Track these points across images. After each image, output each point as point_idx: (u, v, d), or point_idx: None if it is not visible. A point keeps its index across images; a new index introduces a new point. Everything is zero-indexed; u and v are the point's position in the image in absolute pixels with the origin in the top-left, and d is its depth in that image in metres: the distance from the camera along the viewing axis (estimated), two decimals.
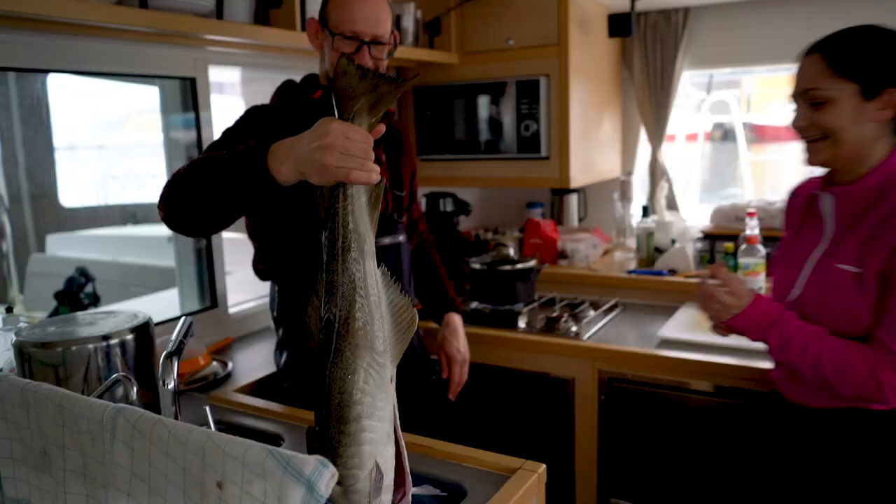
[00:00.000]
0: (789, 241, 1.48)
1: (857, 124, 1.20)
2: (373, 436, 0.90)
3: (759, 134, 3.34)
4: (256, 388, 1.79)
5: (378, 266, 0.98)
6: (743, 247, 2.20)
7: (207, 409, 1.23)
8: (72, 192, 2.98)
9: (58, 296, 2.31)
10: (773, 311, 1.32)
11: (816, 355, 1.24)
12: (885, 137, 1.23)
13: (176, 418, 1.11)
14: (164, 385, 1.10)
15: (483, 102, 2.60)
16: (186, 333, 1.26)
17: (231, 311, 2.22)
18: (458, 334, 1.79)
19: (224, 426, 1.53)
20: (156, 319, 1.91)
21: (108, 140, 3.21)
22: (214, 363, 1.87)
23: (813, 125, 1.22)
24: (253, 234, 1.59)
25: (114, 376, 1.22)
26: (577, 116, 2.55)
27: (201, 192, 1.18)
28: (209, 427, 1.22)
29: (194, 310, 2.13)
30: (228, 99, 2.89)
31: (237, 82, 2.85)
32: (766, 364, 1.74)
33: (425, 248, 1.91)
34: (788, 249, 1.45)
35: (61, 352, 1.29)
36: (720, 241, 2.66)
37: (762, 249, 2.17)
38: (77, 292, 2.35)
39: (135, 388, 1.26)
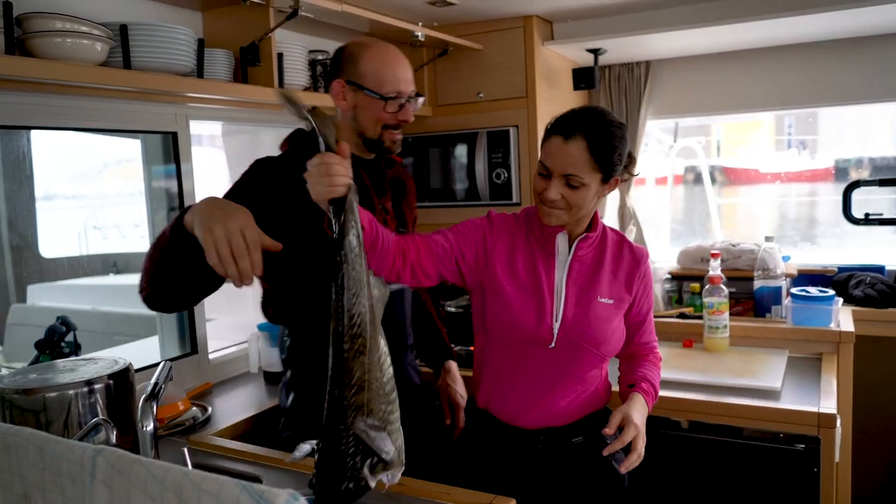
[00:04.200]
0: (510, 260, 1.51)
1: (593, 201, 1.45)
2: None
3: (729, 176, 3.47)
4: (235, 432, 1.82)
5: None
6: (707, 287, 2.29)
7: (185, 450, 1.26)
8: (52, 242, 3.00)
9: (38, 345, 2.31)
10: (646, 393, 1.55)
11: (655, 380, 1.60)
12: None
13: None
14: (142, 428, 1.14)
15: (456, 152, 2.71)
16: (166, 377, 1.30)
17: (211, 356, 2.26)
18: (459, 380, 1.85)
19: (202, 469, 1.55)
20: (136, 366, 1.95)
21: (88, 190, 3.26)
22: (194, 408, 1.90)
23: (563, 199, 1.42)
24: (265, 277, 1.60)
25: (93, 420, 1.26)
26: None
27: (166, 278, 1.27)
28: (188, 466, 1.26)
29: (175, 356, 2.17)
30: (208, 151, 2.96)
31: (217, 135, 2.93)
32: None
33: (418, 294, 1.91)
34: (517, 272, 1.50)
35: (41, 398, 1.32)
36: (687, 281, 2.76)
37: (725, 289, 2.26)
38: (58, 341, 2.35)
39: (114, 432, 1.29)
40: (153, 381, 1.23)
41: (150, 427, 1.15)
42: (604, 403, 1.60)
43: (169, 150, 2.14)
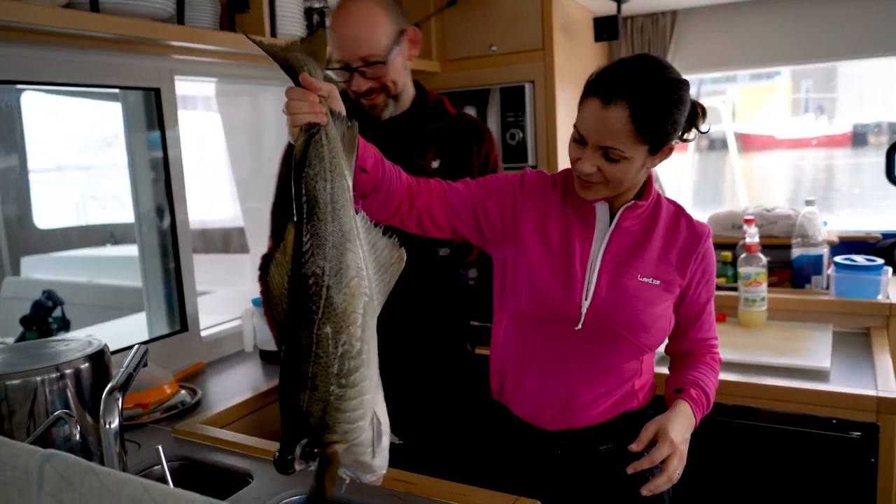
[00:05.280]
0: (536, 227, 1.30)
1: (638, 173, 1.21)
2: (369, 384, 0.89)
3: (744, 142, 3.28)
4: (226, 419, 1.67)
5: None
6: (743, 255, 2.11)
7: (160, 448, 1.10)
8: (49, 213, 2.88)
9: (24, 321, 2.18)
10: (694, 402, 1.28)
11: (709, 387, 1.32)
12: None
13: (121, 462, 0.99)
14: (104, 425, 0.98)
15: (467, 111, 2.50)
16: (139, 364, 1.14)
17: (204, 333, 2.10)
18: None
19: (188, 462, 1.40)
20: (123, 344, 1.79)
21: (97, 160, 3.13)
22: (182, 391, 1.74)
23: (600, 172, 1.18)
24: None
25: (55, 414, 1.11)
26: (564, 123, 2.45)
27: None
28: (163, 468, 1.10)
29: (163, 333, 2.01)
30: (203, 115, 2.77)
31: (212, 96, 2.73)
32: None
33: None
34: (549, 239, 1.29)
35: (2, 386, 1.17)
36: (717, 249, 2.56)
37: (763, 258, 2.08)
38: (44, 317, 2.22)
39: (78, 427, 1.14)
40: (122, 368, 1.06)
41: (115, 424, 0.98)
42: (641, 405, 1.35)
43: (153, 115, 1.95)
